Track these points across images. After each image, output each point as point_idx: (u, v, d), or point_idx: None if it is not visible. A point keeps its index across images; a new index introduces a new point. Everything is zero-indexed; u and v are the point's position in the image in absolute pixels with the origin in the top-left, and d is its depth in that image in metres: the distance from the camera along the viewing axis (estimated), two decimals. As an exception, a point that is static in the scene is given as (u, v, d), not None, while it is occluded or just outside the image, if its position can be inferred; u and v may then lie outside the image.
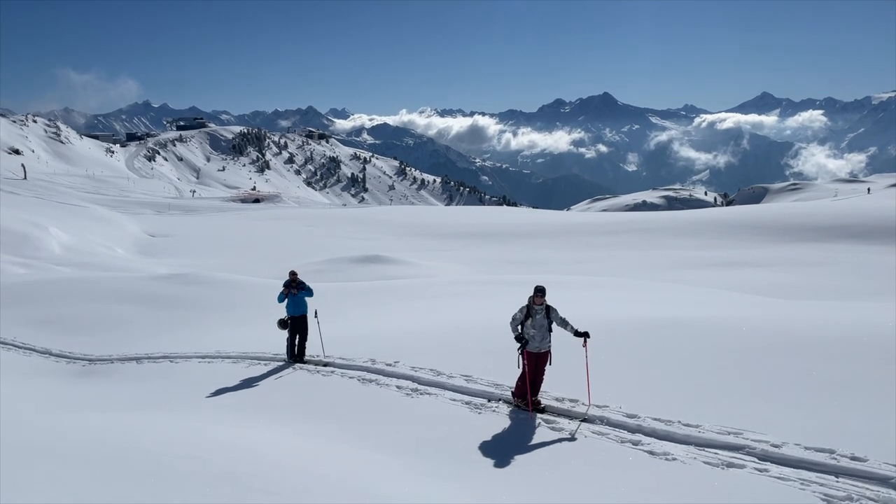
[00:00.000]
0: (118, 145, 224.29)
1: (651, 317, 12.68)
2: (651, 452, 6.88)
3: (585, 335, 8.59)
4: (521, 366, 8.69)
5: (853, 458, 6.31)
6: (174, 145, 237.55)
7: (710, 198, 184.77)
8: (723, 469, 6.38)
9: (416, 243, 50.87)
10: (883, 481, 5.87)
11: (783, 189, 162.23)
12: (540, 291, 8.76)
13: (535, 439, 7.54)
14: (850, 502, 5.58)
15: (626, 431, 7.53)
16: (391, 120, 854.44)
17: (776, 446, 6.69)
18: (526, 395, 8.48)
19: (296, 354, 12.72)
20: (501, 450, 7.28)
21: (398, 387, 10.11)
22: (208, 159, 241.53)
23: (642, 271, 31.96)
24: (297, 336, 12.81)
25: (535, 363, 8.68)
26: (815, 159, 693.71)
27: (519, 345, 8.65)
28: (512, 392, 8.88)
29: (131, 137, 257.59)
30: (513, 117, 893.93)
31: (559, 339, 9.16)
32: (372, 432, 8.09)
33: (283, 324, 12.90)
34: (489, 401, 8.98)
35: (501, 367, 10.37)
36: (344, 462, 6.65)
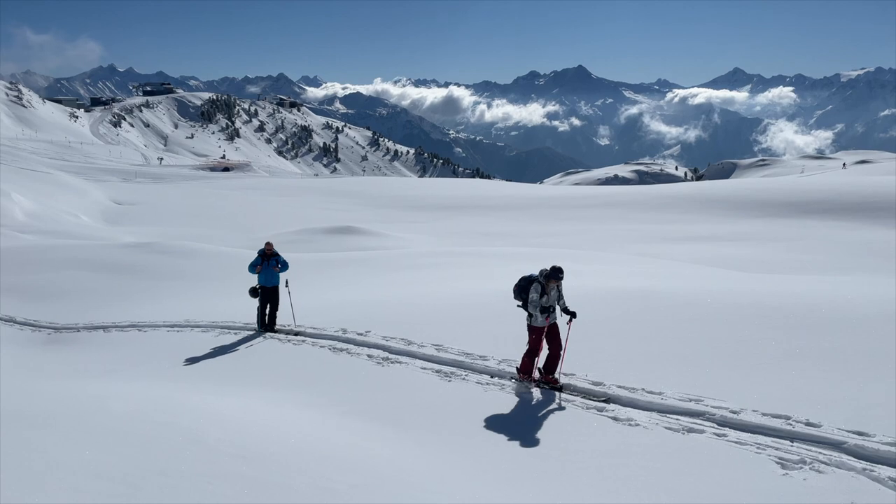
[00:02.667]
0: (82, 110, 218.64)
1: (619, 288, 12.88)
2: (615, 418, 7.05)
3: (573, 315, 8.51)
4: (528, 343, 8.48)
5: (808, 424, 6.54)
6: (141, 111, 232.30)
7: (680, 173, 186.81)
8: (683, 434, 6.57)
9: (389, 215, 50.73)
10: (836, 446, 6.09)
11: (752, 165, 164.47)
12: (557, 275, 8.45)
13: (502, 406, 7.68)
14: (804, 465, 5.79)
15: (592, 398, 7.70)
16: (365, 89, 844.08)
17: (735, 412, 6.91)
18: (531, 372, 8.36)
19: (266, 324, 12.71)
20: (470, 416, 7.41)
21: (369, 356, 10.17)
22: (176, 126, 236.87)
23: (613, 244, 32.34)
24: (269, 306, 12.78)
25: (549, 334, 8.49)
26: (784, 135, 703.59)
27: (531, 332, 8.47)
28: (517, 368, 8.63)
29: (96, 102, 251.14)
30: (487, 89, 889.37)
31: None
32: (343, 399, 8.16)
33: (254, 292, 12.85)
34: (492, 377, 8.76)
35: (471, 336, 10.51)
36: (314, 427, 6.71)
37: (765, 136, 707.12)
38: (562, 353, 8.48)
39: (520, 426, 7.05)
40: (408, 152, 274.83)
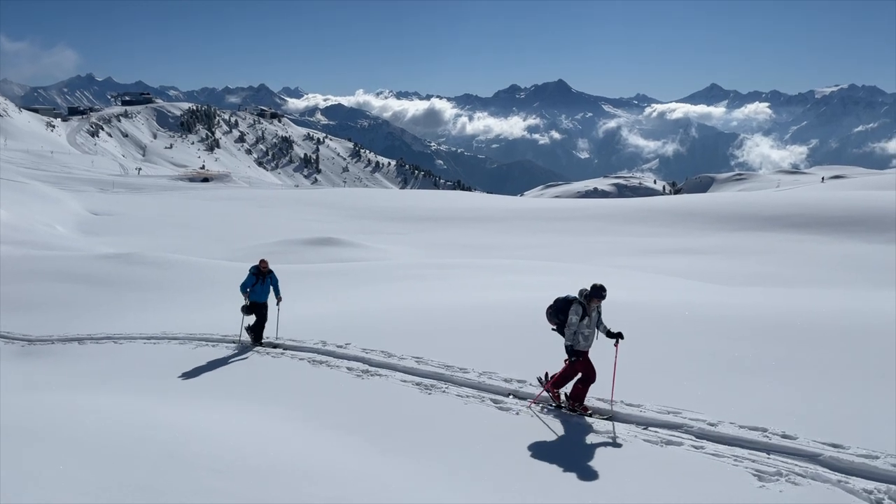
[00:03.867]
0: (59, 119, 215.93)
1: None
2: (595, 431, 7.08)
3: (619, 336, 7.89)
4: (568, 370, 7.91)
5: (784, 436, 6.62)
6: (119, 121, 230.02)
7: (659, 186, 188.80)
8: (661, 446, 6.62)
9: (370, 226, 50.63)
10: (811, 458, 6.17)
11: (729, 179, 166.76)
12: (600, 293, 7.84)
13: (483, 419, 7.67)
14: (780, 477, 5.86)
15: (571, 412, 7.72)
16: (346, 101, 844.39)
17: (712, 425, 6.97)
18: (582, 398, 7.82)
19: (254, 339, 12.40)
20: (450, 429, 7.39)
21: (349, 368, 10.13)
22: (155, 136, 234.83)
23: (592, 257, 32.55)
24: (257, 319, 12.46)
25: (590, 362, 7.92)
26: (760, 150, 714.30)
27: (573, 355, 7.83)
28: (566, 394, 8.03)
29: (73, 111, 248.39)
30: (469, 102, 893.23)
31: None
32: (322, 413, 8.10)
33: (247, 310, 12.44)
34: (515, 396, 8.21)
35: (452, 348, 10.50)
36: (293, 441, 6.66)
37: (741, 150, 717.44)
38: (608, 376, 7.83)
39: (500, 439, 7.05)
40: (389, 164, 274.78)
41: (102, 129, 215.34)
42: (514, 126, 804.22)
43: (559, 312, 7.99)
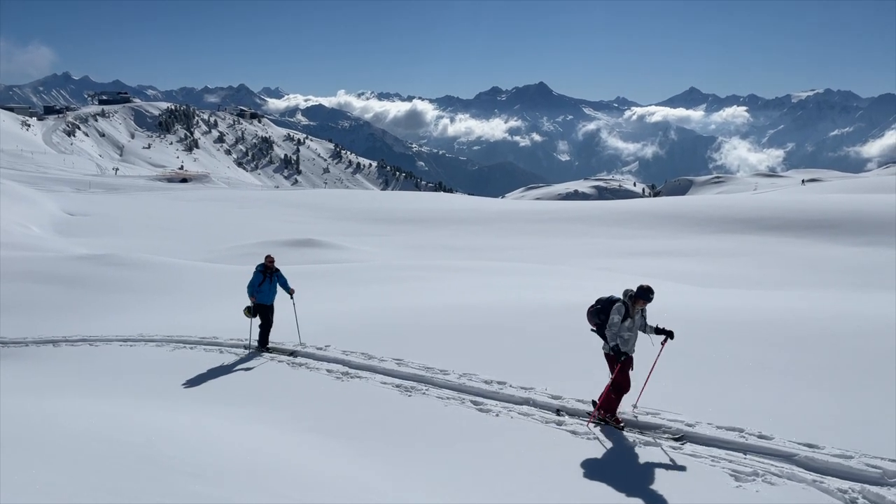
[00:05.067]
0: (35, 118, 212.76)
1: (577, 302, 13.01)
2: (573, 432, 7.11)
3: (669, 334, 7.46)
4: (617, 377, 7.39)
5: (760, 437, 6.69)
6: (96, 120, 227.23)
7: (638, 189, 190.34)
8: (640, 447, 6.66)
9: (351, 227, 50.44)
10: (787, 458, 6.25)
11: (707, 182, 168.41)
12: (647, 295, 7.43)
13: (463, 421, 7.66)
14: (757, 477, 5.92)
15: (550, 412, 7.74)
16: (327, 101, 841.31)
17: (690, 426, 7.03)
18: (615, 410, 7.35)
19: (261, 344, 11.85)
20: (430, 431, 7.38)
21: (328, 370, 10.08)
22: (133, 136, 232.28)
23: (573, 259, 32.68)
24: (263, 322, 11.86)
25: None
26: (737, 153, 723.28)
27: (619, 356, 7.33)
28: (595, 404, 7.61)
29: (49, 111, 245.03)
30: (450, 103, 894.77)
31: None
32: (301, 415, 8.05)
33: (251, 312, 11.83)
34: (557, 413, 7.73)
35: (432, 350, 10.49)
36: (271, 444, 6.60)
37: (719, 153, 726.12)
38: (645, 382, 7.49)
39: (480, 441, 7.05)
40: (370, 165, 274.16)
41: (79, 128, 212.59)
42: (495, 128, 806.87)
43: (601, 312, 7.65)
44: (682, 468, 6.19)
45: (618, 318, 7.32)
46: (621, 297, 7.52)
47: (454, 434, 7.27)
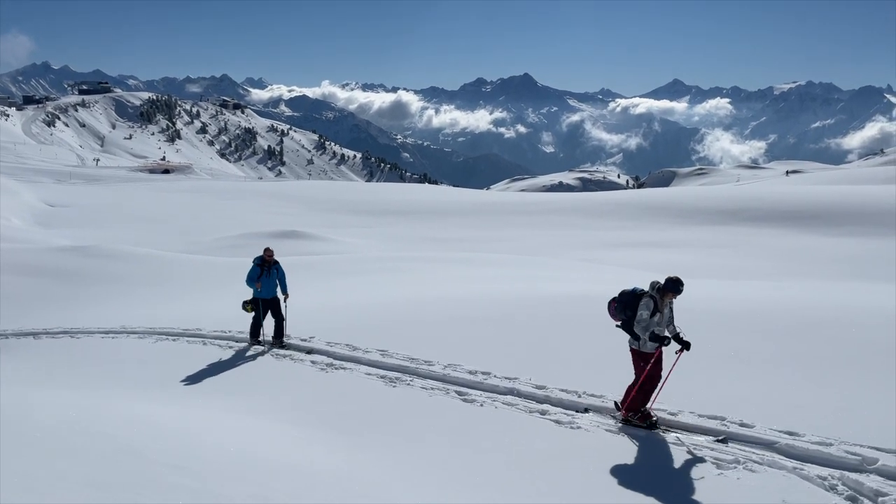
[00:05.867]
0: (14, 108, 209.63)
1: (562, 293, 13.07)
2: (557, 422, 7.13)
3: (686, 346, 6.99)
4: (644, 372, 7.02)
5: (742, 425, 6.75)
6: (76, 110, 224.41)
7: (622, 180, 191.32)
8: (622, 436, 6.70)
9: (335, 219, 50.24)
10: (768, 446, 6.31)
11: (691, 173, 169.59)
12: (677, 287, 6.96)
13: (448, 411, 7.67)
14: (738, 465, 5.97)
15: (534, 402, 7.77)
16: (311, 92, 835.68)
17: (673, 414, 7.08)
18: (641, 409, 7.01)
19: (274, 338, 11.35)
20: (415, 422, 7.38)
21: (313, 362, 10.04)
22: (114, 126, 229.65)
23: (557, 250, 32.80)
24: (273, 318, 11.43)
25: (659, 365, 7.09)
26: (720, 144, 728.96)
27: (661, 341, 6.90)
28: (616, 403, 7.29)
29: (28, 100, 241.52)
30: (435, 94, 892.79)
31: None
32: (285, 407, 8.02)
33: (250, 306, 11.38)
34: (584, 411, 7.39)
35: (417, 341, 10.48)
36: (255, 435, 6.57)
37: (702, 145, 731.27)
38: (661, 383, 7.06)
39: (464, 431, 7.06)
40: (355, 156, 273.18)
41: (59, 118, 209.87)
42: (480, 119, 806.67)
43: (626, 307, 7.13)
44: (664, 456, 6.23)
45: (647, 314, 6.91)
46: (647, 289, 7.08)
47: (438, 424, 7.28)
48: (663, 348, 6.99)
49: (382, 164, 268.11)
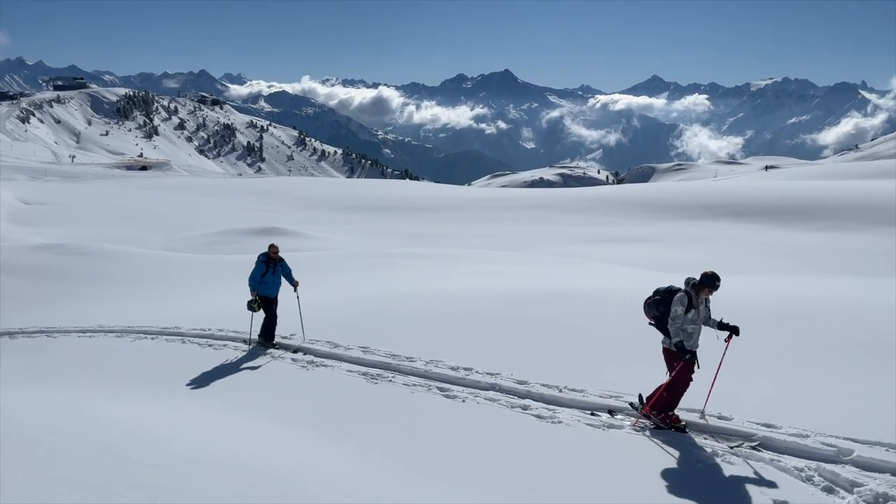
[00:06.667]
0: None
1: (543, 288, 13.13)
2: (539, 416, 7.17)
3: (734, 330, 6.79)
4: (670, 375, 6.85)
5: (720, 418, 6.85)
6: (51, 106, 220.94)
7: (602, 176, 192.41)
8: (604, 430, 6.75)
9: (316, 215, 49.99)
10: (746, 438, 6.40)
11: (669, 169, 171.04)
12: (713, 282, 6.73)
13: (429, 408, 7.68)
14: (716, 457, 6.06)
15: (516, 397, 7.81)
16: (291, 88, 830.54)
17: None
18: (668, 409, 6.85)
19: (265, 338, 11.02)
20: (397, 418, 7.38)
21: (293, 359, 10.00)
22: (90, 122, 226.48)
23: (539, 246, 32.92)
24: (271, 318, 11.06)
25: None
26: (698, 140, 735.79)
27: (683, 353, 6.70)
28: (641, 400, 7.13)
29: (2, 97, 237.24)
30: (416, 90, 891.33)
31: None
32: (266, 405, 7.98)
33: (254, 305, 10.93)
34: (611, 414, 7.22)
35: (399, 337, 10.48)
36: (237, 434, 6.54)
37: (680, 140, 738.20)
38: (712, 383, 6.85)
39: (447, 427, 7.07)
40: (335, 152, 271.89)
41: (33, 114, 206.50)
42: (461, 115, 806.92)
43: (660, 304, 6.95)
44: (645, 449, 6.29)
45: (681, 310, 6.69)
46: (683, 286, 6.89)
47: (420, 420, 7.29)
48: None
49: (363, 161, 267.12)
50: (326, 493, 5.07)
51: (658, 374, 7.53)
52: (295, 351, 10.54)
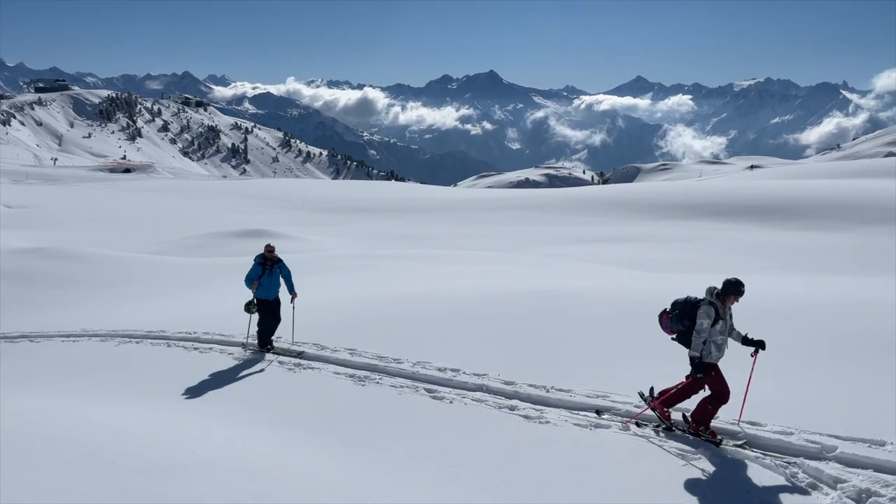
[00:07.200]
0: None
1: (530, 289, 13.16)
2: (526, 417, 7.19)
3: (759, 345, 6.53)
4: (688, 387, 6.67)
5: (705, 416, 6.87)
6: (33, 109, 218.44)
7: (588, 176, 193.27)
8: (590, 429, 6.78)
9: (302, 217, 49.83)
10: (731, 436, 6.46)
11: (654, 169, 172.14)
12: (738, 289, 6.45)
13: (418, 409, 7.68)
14: (703, 457, 6.10)
15: (503, 398, 7.82)
16: (276, 89, 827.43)
17: (638, 407, 7.19)
18: (708, 420, 6.53)
19: (260, 344, 10.72)
20: (384, 420, 7.37)
21: (280, 362, 9.96)
22: (72, 125, 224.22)
23: (525, 246, 33.00)
24: (268, 322, 10.74)
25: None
26: (683, 140, 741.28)
27: (697, 371, 6.41)
28: (685, 417, 6.74)
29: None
30: (401, 91, 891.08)
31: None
32: (252, 407, 7.93)
33: (251, 308, 10.64)
34: (638, 425, 6.84)
35: (386, 339, 10.46)
36: (222, 437, 6.50)
37: (665, 140, 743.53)
38: (744, 394, 6.55)
39: (434, 428, 7.07)
40: (320, 154, 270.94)
41: (14, 117, 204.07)
42: (446, 116, 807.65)
43: (683, 317, 6.57)
44: (632, 448, 6.32)
45: (707, 323, 6.34)
46: (705, 296, 6.54)
47: (408, 422, 7.28)
48: (718, 364, 6.56)
49: (349, 162, 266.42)
50: (313, 496, 5.06)
51: (642, 374, 7.58)
52: (298, 355, 10.22)
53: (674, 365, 8.31)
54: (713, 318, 6.36)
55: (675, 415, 6.97)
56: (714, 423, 6.61)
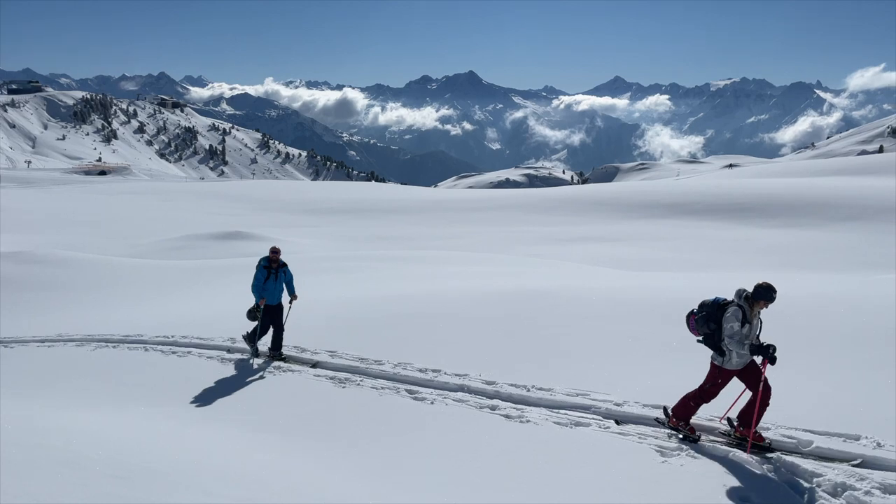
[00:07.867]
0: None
1: (511, 289, 13.20)
2: (507, 416, 7.21)
3: (765, 352, 6.09)
4: (706, 385, 6.50)
5: (684, 412, 6.93)
6: (5, 111, 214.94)
7: (567, 176, 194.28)
8: (571, 428, 6.81)
9: (281, 219, 49.53)
10: (708, 432, 6.52)
11: (633, 169, 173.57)
12: (769, 294, 6.22)
13: (399, 410, 7.67)
14: (681, 452, 6.15)
15: (484, 398, 7.83)
16: (254, 90, 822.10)
17: (618, 405, 7.24)
18: (689, 420, 6.51)
19: (271, 349, 10.42)
20: (365, 422, 7.35)
21: (259, 365, 9.89)
22: (46, 127, 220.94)
23: (505, 246, 33.09)
24: (273, 328, 10.43)
25: (745, 374, 6.38)
26: (660, 139, 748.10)
27: (765, 351, 6.04)
28: (666, 411, 6.78)
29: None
30: (381, 92, 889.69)
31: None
32: (232, 411, 7.88)
33: (255, 314, 10.42)
34: (692, 440, 6.44)
35: (366, 341, 10.43)
36: (201, 442, 6.44)
37: (643, 140, 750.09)
38: (758, 397, 6.21)
39: (416, 429, 7.07)
40: (300, 155, 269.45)
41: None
42: (426, 117, 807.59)
43: (710, 320, 6.40)
44: (614, 446, 6.36)
45: (737, 326, 6.15)
46: (734, 298, 6.37)
47: (389, 423, 7.27)
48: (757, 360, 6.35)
49: (328, 163, 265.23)
50: (294, 497, 5.03)
51: (619, 370, 7.63)
52: (314, 365, 9.67)
53: (655, 362, 8.39)
54: (741, 321, 6.17)
55: (655, 411, 7.02)
56: (693, 420, 6.68)
